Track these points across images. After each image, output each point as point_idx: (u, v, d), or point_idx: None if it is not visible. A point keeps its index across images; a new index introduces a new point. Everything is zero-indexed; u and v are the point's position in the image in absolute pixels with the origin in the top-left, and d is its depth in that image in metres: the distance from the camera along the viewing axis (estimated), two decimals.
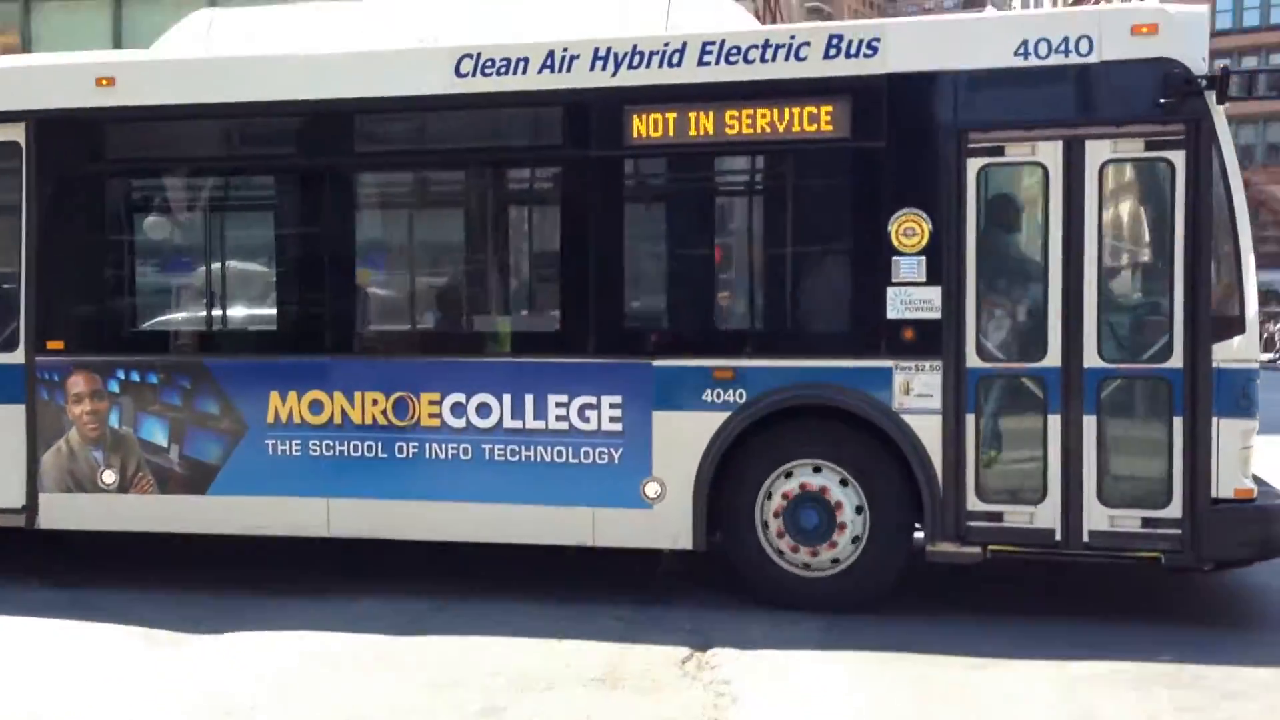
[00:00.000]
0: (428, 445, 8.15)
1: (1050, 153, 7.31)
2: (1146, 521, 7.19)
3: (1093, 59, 7.22)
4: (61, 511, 8.76)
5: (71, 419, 8.70)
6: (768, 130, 7.71)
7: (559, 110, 8.08)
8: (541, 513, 8.01)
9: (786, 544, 7.71)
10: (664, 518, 7.82)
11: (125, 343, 8.80)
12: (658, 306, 8.20)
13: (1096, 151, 7.24)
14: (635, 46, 7.86)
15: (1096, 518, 7.23)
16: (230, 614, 7.88)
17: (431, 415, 8.15)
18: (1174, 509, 7.12)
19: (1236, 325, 7.09)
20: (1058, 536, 7.29)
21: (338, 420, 8.28)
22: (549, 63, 7.98)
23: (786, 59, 7.66)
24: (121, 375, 8.64)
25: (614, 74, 7.90)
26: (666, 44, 7.83)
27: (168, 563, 9.36)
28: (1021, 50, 7.31)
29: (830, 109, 7.62)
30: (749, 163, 8.16)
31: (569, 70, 7.96)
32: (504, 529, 8.13)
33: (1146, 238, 7.57)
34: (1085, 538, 7.24)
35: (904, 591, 7.77)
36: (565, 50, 7.96)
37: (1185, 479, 7.08)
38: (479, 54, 8.08)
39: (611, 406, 7.87)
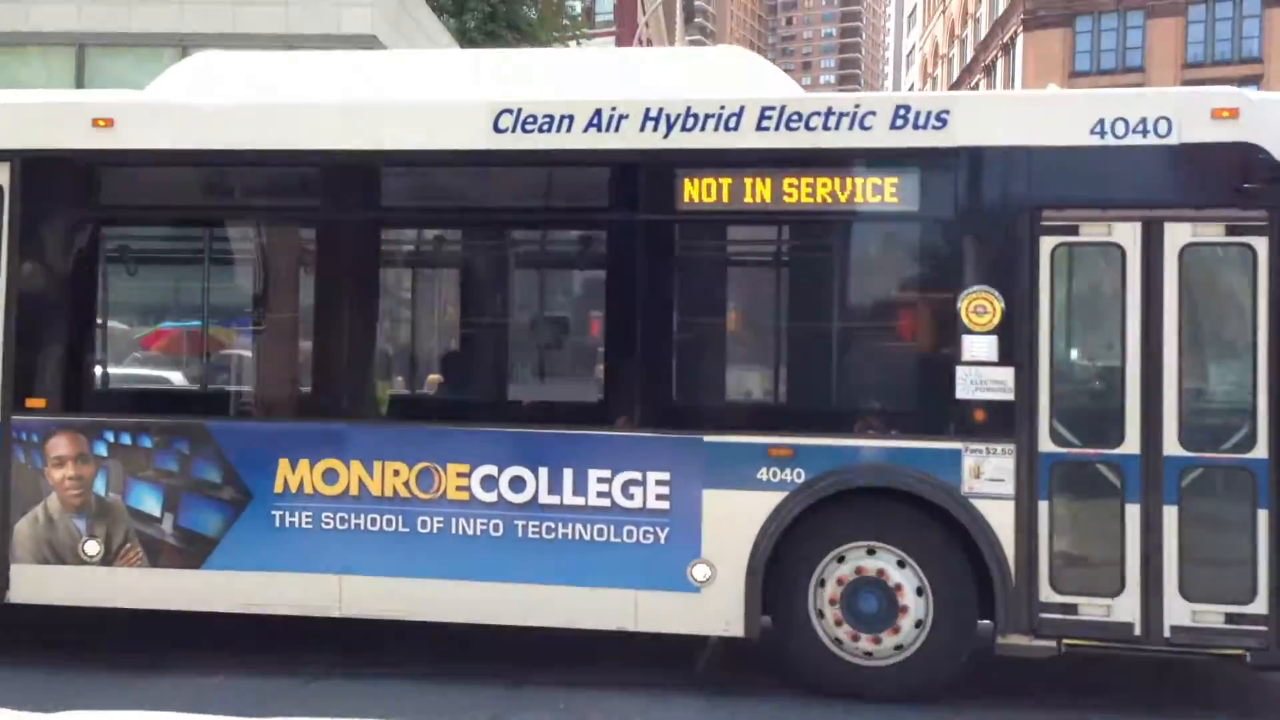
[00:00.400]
0: (454, 520, 7.60)
1: (1128, 234, 7.13)
2: (1230, 617, 6.93)
3: (1172, 140, 7.08)
4: (36, 584, 7.98)
5: (51, 484, 7.96)
6: (828, 199, 7.43)
7: (605, 171, 7.71)
8: (579, 594, 7.50)
9: (845, 632, 7.30)
10: (713, 602, 7.37)
11: (115, 402, 8.17)
12: (710, 379, 7.76)
13: (1176, 234, 7.07)
14: (689, 108, 7.53)
15: (1178, 612, 6.96)
16: (69, 691, 7.29)
17: (459, 488, 7.60)
18: (1259, 604, 6.89)
19: None
20: (1137, 631, 7.00)
21: (354, 491, 7.69)
22: (595, 121, 7.62)
23: (850, 127, 7.40)
24: (110, 437, 7.93)
25: (666, 135, 7.55)
26: (723, 107, 7.52)
27: None
28: (1098, 129, 7.15)
29: (896, 180, 7.38)
30: (808, 232, 7.78)
31: (617, 130, 7.60)
32: (537, 611, 7.59)
33: (1229, 323, 7.38)
34: (1166, 633, 6.96)
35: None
36: (614, 109, 7.61)
37: (1272, 573, 6.86)
38: (519, 109, 7.69)
39: (658, 483, 7.42)
